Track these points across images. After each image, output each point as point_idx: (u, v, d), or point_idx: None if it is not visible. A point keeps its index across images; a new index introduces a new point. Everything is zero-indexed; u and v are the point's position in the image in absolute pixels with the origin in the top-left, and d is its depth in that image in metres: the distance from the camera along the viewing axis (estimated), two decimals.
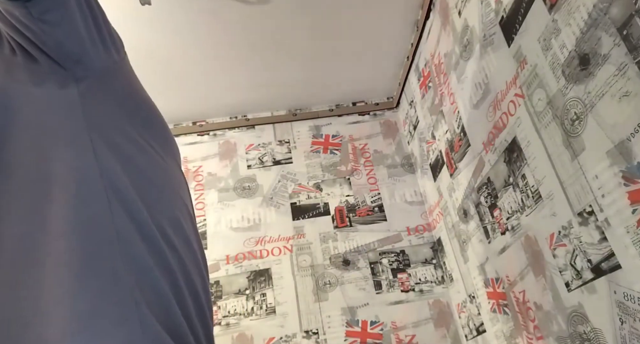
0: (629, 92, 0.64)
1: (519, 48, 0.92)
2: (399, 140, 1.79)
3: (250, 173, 1.71)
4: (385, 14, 1.43)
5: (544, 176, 0.89)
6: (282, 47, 1.49)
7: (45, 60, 0.52)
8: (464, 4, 1.14)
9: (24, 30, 0.51)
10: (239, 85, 1.64)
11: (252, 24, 1.38)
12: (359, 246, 1.58)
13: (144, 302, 0.46)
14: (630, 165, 0.66)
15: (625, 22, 0.64)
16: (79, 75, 0.53)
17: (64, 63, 0.53)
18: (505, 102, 1.00)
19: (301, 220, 1.62)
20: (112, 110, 0.55)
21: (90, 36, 0.55)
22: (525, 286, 1.02)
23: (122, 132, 0.55)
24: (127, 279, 0.46)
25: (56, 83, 0.52)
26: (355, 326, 1.47)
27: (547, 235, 0.90)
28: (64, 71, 0.53)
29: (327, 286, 1.52)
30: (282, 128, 1.80)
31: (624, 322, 0.72)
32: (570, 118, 0.78)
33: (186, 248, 0.55)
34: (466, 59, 1.17)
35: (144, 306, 0.46)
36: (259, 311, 1.48)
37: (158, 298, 0.48)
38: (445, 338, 1.46)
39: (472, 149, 1.19)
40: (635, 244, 0.67)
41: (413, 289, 1.52)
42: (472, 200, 1.23)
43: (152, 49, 1.39)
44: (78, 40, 0.53)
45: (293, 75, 1.64)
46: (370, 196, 1.67)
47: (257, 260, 1.56)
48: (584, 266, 0.80)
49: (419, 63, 1.55)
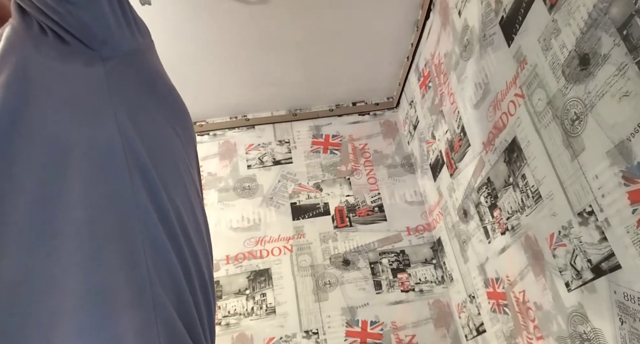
0: (629, 92, 0.64)
1: (519, 48, 0.92)
2: (399, 140, 1.79)
3: (250, 173, 1.71)
4: (385, 14, 1.43)
5: (544, 176, 0.89)
6: (282, 47, 1.49)
7: (74, 41, 0.53)
8: (464, 4, 1.15)
9: (50, 13, 0.52)
10: (239, 85, 1.64)
11: (252, 24, 1.38)
12: (359, 246, 1.58)
13: (159, 284, 0.45)
14: (630, 165, 0.66)
15: (625, 22, 0.64)
16: (105, 55, 0.54)
17: (90, 44, 0.54)
18: (505, 102, 1.00)
19: (301, 220, 1.62)
20: (137, 90, 0.56)
21: (116, 18, 0.55)
22: (525, 286, 1.02)
23: (145, 111, 0.55)
24: (144, 259, 0.46)
25: (83, 61, 0.53)
26: (355, 326, 1.47)
27: (547, 235, 0.90)
28: (91, 51, 0.54)
29: (327, 286, 1.52)
30: (282, 128, 1.80)
31: (624, 322, 0.72)
32: (570, 118, 0.78)
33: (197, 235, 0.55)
34: (466, 59, 1.17)
35: (159, 288, 0.45)
36: (259, 311, 1.48)
37: (172, 282, 0.47)
38: (445, 338, 1.46)
39: (472, 149, 1.19)
40: (635, 244, 0.67)
41: (413, 289, 1.52)
42: (472, 200, 1.23)
43: None
44: (104, 22, 0.54)
45: (293, 75, 1.64)
46: (370, 196, 1.67)
47: (257, 260, 1.56)
48: (584, 266, 0.80)
49: (419, 63, 1.55)
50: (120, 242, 0.45)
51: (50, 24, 0.53)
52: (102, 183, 0.47)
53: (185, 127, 0.63)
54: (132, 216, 0.47)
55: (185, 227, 0.52)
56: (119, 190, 0.48)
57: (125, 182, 0.48)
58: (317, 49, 1.53)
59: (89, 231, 0.44)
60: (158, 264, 0.47)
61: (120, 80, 0.54)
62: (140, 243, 0.46)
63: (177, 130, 0.60)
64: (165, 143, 0.56)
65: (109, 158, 0.49)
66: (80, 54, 0.53)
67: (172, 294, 0.47)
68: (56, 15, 0.52)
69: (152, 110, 0.56)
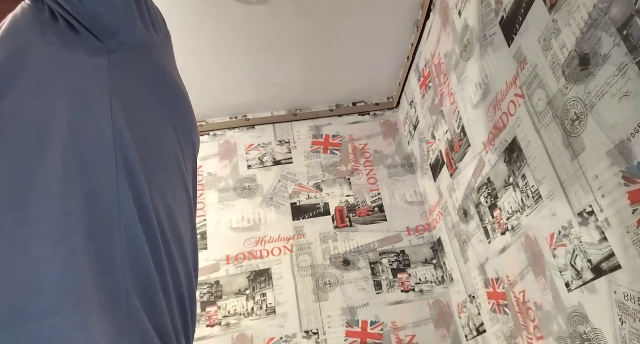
0: (629, 92, 0.64)
1: (519, 48, 0.92)
2: (399, 140, 1.79)
3: (250, 173, 1.71)
4: (385, 14, 1.43)
5: (544, 176, 0.89)
6: (282, 47, 1.49)
7: (83, 31, 0.53)
8: (464, 4, 1.14)
9: (62, 1, 0.52)
10: (239, 85, 1.64)
11: (252, 24, 1.38)
12: (359, 246, 1.58)
13: (134, 292, 0.43)
14: (630, 165, 0.66)
15: (625, 22, 0.64)
16: (112, 47, 0.53)
17: (99, 35, 0.53)
18: (505, 102, 1.00)
19: (301, 220, 1.62)
20: (138, 85, 0.54)
21: (128, 10, 0.54)
22: (525, 286, 1.02)
23: (143, 108, 0.53)
24: (121, 263, 0.43)
25: (88, 51, 0.52)
26: (355, 326, 1.47)
27: (547, 235, 0.90)
28: (99, 42, 0.53)
29: (327, 286, 1.52)
30: (282, 128, 1.80)
31: (624, 322, 0.72)
32: (570, 118, 0.78)
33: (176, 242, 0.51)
34: (466, 59, 1.17)
35: (134, 297, 0.42)
36: (259, 311, 1.48)
37: (148, 291, 0.44)
38: (445, 338, 1.46)
39: (472, 149, 1.19)
40: (635, 244, 0.67)
41: (413, 289, 1.52)
42: (472, 200, 1.23)
43: None
44: (114, 13, 0.53)
45: (293, 75, 1.64)
46: (370, 197, 1.67)
47: (257, 260, 1.56)
48: (584, 266, 0.80)
49: (419, 63, 1.55)
50: (97, 243, 0.42)
51: (61, 12, 0.53)
52: (85, 177, 0.44)
53: (188, 129, 0.61)
54: (113, 216, 0.44)
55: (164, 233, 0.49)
56: (103, 186, 0.45)
57: (110, 179, 0.45)
58: (317, 49, 1.53)
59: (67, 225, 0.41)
60: (134, 270, 0.44)
61: (123, 73, 0.53)
62: (118, 246, 0.43)
63: (178, 131, 0.58)
64: (159, 143, 0.54)
65: (98, 151, 0.46)
66: (87, 43, 0.53)
67: (147, 304, 0.44)
68: (68, 4, 0.52)
69: (152, 107, 0.55)
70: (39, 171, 0.43)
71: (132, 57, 0.55)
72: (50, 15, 0.54)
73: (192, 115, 0.63)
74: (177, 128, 0.58)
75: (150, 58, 0.57)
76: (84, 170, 0.45)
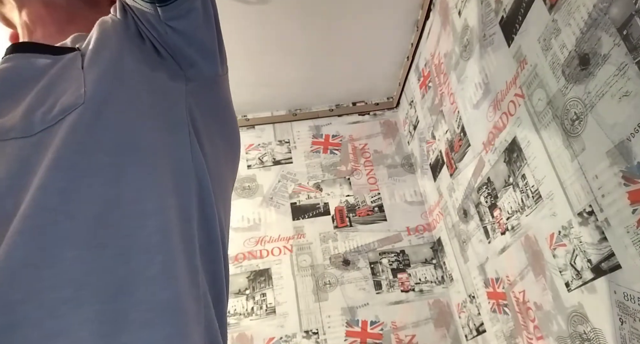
0: (629, 92, 0.64)
1: (519, 48, 0.92)
2: (399, 140, 1.79)
3: (250, 173, 1.71)
4: (385, 14, 1.43)
5: (544, 176, 0.89)
6: (282, 47, 1.49)
7: (168, 57, 0.55)
8: (464, 4, 1.15)
9: (149, 28, 0.54)
10: (239, 85, 1.64)
11: (252, 24, 1.38)
12: (359, 246, 1.58)
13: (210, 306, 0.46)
14: (630, 165, 0.66)
15: (625, 22, 0.64)
16: (190, 76, 0.56)
17: (179, 63, 0.56)
18: (505, 102, 1.00)
19: (301, 220, 1.62)
20: (207, 114, 0.56)
21: (209, 47, 0.57)
22: (525, 286, 1.02)
23: (209, 135, 0.56)
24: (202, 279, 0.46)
25: (169, 75, 0.54)
26: (355, 326, 1.47)
27: (547, 235, 0.90)
28: (179, 69, 0.55)
29: (327, 286, 1.52)
30: (282, 128, 1.80)
31: (624, 322, 0.72)
32: (570, 118, 0.78)
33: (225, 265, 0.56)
34: (466, 59, 1.17)
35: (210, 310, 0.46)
36: (259, 311, 1.48)
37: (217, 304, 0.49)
38: (445, 338, 1.46)
39: (472, 149, 1.19)
40: (635, 244, 0.67)
41: (413, 289, 1.52)
42: (472, 200, 1.23)
43: None
44: (197, 49, 0.56)
45: (293, 75, 1.64)
46: (370, 197, 1.67)
47: (257, 260, 1.56)
48: (584, 266, 0.80)
49: (419, 63, 1.55)
50: (186, 258, 0.44)
51: (149, 35, 0.55)
52: (173, 195, 0.46)
53: (235, 156, 0.65)
54: (193, 234, 0.47)
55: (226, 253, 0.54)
56: (185, 205, 0.47)
57: (190, 199, 0.48)
58: (317, 49, 1.53)
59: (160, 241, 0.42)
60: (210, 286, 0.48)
61: (196, 101, 0.55)
62: (198, 262, 0.46)
63: (228, 158, 0.61)
64: (220, 169, 0.57)
65: (181, 172, 0.49)
66: (168, 67, 0.55)
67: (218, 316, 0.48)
68: (155, 32, 0.54)
69: (214, 135, 0.57)
70: (134, 186, 0.44)
71: (205, 89, 0.57)
72: (137, 33, 0.55)
73: (240, 144, 0.67)
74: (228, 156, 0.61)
75: (218, 89, 0.60)
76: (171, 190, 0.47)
